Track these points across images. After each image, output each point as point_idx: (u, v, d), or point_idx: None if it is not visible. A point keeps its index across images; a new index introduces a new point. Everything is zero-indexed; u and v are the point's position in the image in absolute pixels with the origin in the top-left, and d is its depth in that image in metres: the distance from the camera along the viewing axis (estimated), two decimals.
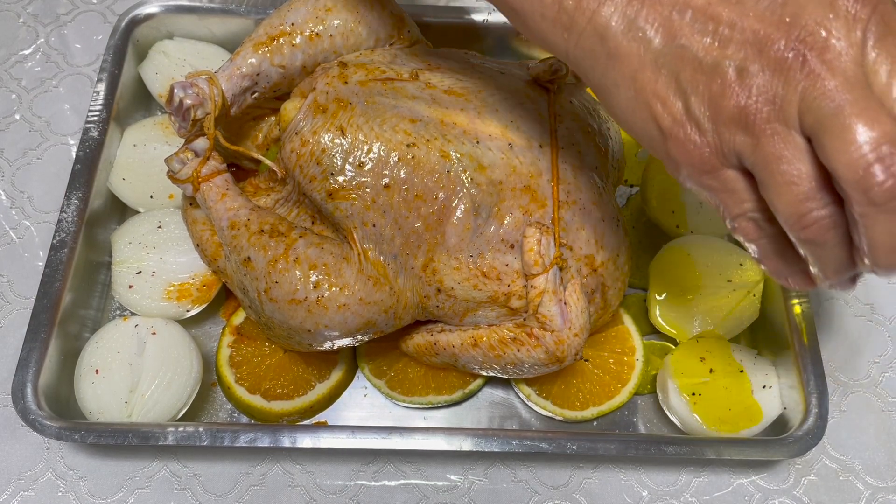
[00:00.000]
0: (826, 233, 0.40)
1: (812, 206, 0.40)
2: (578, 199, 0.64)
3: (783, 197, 0.40)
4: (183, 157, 0.66)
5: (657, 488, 0.69)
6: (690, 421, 0.67)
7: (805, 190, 0.39)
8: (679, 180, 0.45)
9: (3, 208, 0.81)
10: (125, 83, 0.80)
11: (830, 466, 0.71)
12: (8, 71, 0.89)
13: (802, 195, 0.40)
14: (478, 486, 0.69)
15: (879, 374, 0.75)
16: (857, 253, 0.41)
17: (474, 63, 0.69)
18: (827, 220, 0.40)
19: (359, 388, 0.73)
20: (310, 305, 0.60)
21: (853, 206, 0.38)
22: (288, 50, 0.66)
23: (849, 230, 0.40)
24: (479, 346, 0.64)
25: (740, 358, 0.70)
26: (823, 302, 0.79)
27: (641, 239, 0.80)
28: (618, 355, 0.72)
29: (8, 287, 0.77)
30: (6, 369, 0.73)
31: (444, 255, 0.62)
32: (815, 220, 0.40)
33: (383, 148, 0.61)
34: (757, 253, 0.46)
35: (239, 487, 0.68)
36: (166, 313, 0.70)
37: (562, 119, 0.66)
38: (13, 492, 0.68)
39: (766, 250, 0.45)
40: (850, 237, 0.41)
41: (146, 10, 0.82)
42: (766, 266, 0.46)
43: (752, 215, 0.43)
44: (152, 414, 0.66)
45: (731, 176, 0.42)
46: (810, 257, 0.43)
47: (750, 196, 0.43)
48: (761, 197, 0.42)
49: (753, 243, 0.45)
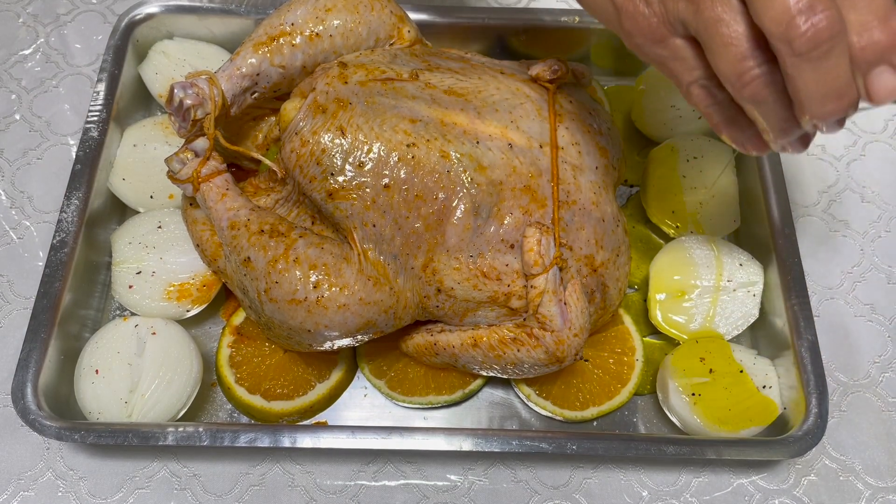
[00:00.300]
0: (764, 89, 0.44)
1: (750, 65, 0.43)
2: (578, 199, 0.64)
3: (723, 58, 0.43)
4: (183, 157, 0.66)
5: (657, 488, 0.69)
6: (690, 421, 0.67)
7: (742, 50, 0.42)
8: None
9: (3, 208, 0.81)
10: (125, 83, 0.80)
11: (830, 466, 0.71)
12: (8, 71, 0.89)
13: (740, 55, 0.43)
14: (478, 486, 0.69)
15: (879, 374, 0.75)
16: (795, 110, 0.44)
17: (474, 63, 0.69)
18: (763, 77, 0.43)
19: (359, 388, 0.73)
20: (310, 305, 0.60)
21: (783, 60, 0.41)
22: (288, 50, 0.66)
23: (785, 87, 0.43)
24: (479, 346, 0.64)
25: (740, 358, 0.70)
26: (823, 302, 0.79)
27: (641, 239, 0.80)
28: (618, 355, 0.72)
29: (8, 287, 0.77)
30: (6, 369, 0.73)
31: (444, 256, 0.62)
32: (753, 77, 0.43)
33: (383, 148, 0.61)
34: (712, 119, 0.49)
35: (239, 487, 0.68)
36: (166, 313, 0.70)
37: (562, 119, 0.66)
38: (13, 492, 0.68)
39: (719, 117, 0.49)
40: (788, 95, 0.44)
41: (146, 10, 0.82)
42: (724, 134, 0.50)
43: (703, 82, 0.47)
44: (152, 414, 0.66)
45: (679, 44, 0.46)
46: (756, 118, 0.46)
47: (698, 63, 0.46)
48: (709, 65, 0.45)
49: (707, 110, 0.49)
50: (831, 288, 0.79)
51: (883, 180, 0.85)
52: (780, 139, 0.47)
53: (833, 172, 0.86)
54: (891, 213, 0.83)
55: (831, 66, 0.41)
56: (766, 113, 0.45)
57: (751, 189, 0.78)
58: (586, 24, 0.84)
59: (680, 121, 0.81)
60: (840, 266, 0.81)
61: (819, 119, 0.44)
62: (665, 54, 0.47)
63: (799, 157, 0.86)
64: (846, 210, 0.84)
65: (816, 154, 0.87)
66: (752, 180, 0.78)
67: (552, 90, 0.67)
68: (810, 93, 0.42)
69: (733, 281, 0.72)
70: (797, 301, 0.70)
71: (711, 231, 0.77)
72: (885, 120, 0.89)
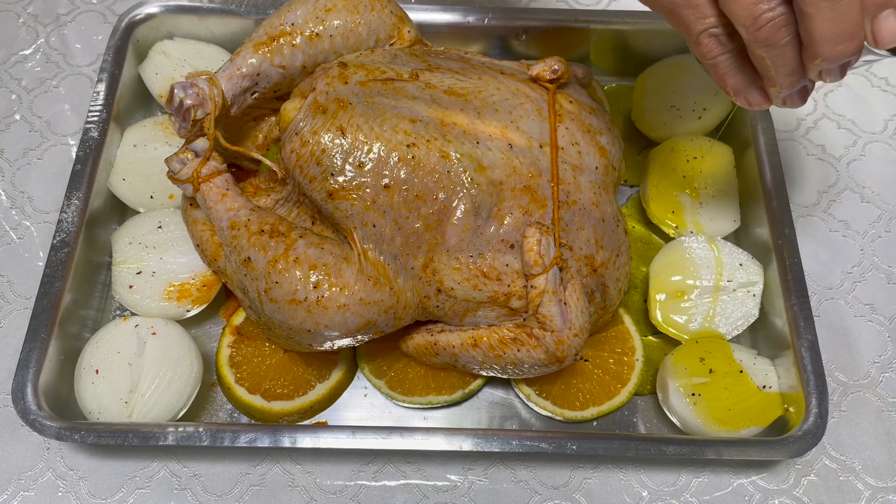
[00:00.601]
0: (778, 31, 0.46)
1: (765, 7, 0.45)
2: (578, 199, 0.64)
3: (739, 2, 0.46)
4: (183, 157, 0.66)
5: (657, 488, 0.70)
6: (690, 421, 0.67)
7: None
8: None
9: (3, 208, 0.81)
10: (125, 83, 0.80)
11: (830, 466, 0.71)
12: (8, 71, 0.89)
13: None
14: (478, 486, 0.69)
15: (879, 374, 0.75)
16: (805, 54, 0.47)
17: (474, 63, 0.69)
18: (779, 18, 0.46)
19: (359, 388, 0.73)
20: (310, 306, 0.60)
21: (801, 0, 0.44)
22: (288, 50, 0.66)
23: (798, 32, 0.46)
24: (480, 346, 0.64)
25: (740, 358, 0.70)
26: (823, 302, 0.79)
27: (641, 239, 0.80)
28: (618, 355, 0.72)
29: (8, 287, 0.77)
30: (6, 369, 0.73)
31: (444, 256, 0.62)
32: (768, 19, 0.46)
33: (383, 148, 0.61)
34: (718, 70, 0.52)
35: (239, 487, 0.68)
36: (166, 313, 0.70)
37: (562, 119, 0.66)
38: (13, 492, 0.68)
39: (726, 66, 0.51)
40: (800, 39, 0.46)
41: (146, 10, 0.82)
42: (727, 84, 0.52)
43: (714, 31, 0.49)
44: (152, 414, 0.66)
45: None
46: (766, 62, 0.48)
47: (711, 11, 0.49)
48: (721, 13, 0.48)
49: (715, 60, 0.51)
50: (831, 288, 0.79)
51: (883, 180, 0.85)
52: (784, 88, 0.50)
53: (833, 172, 0.86)
54: (891, 213, 0.83)
55: (845, 6, 0.44)
56: (776, 58, 0.47)
57: (751, 189, 0.78)
58: (586, 23, 0.84)
59: (680, 121, 0.81)
60: (840, 266, 0.81)
61: (829, 61, 0.46)
62: (678, 1, 0.49)
63: (799, 158, 0.86)
64: (846, 210, 0.84)
65: (816, 154, 0.87)
66: (752, 180, 0.78)
67: (552, 90, 0.67)
68: (825, 32, 0.44)
69: (733, 281, 0.72)
70: (797, 301, 0.70)
71: (711, 231, 0.77)
72: (884, 120, 0.89)
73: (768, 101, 0.53)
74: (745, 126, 0.80)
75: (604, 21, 0.84)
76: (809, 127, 0.88)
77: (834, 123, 0.89)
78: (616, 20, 0.84)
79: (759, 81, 0.52)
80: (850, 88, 0.91)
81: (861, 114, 0.89)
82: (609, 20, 0.84)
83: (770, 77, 0.50)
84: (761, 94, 0.53)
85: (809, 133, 0.88)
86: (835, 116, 0.89)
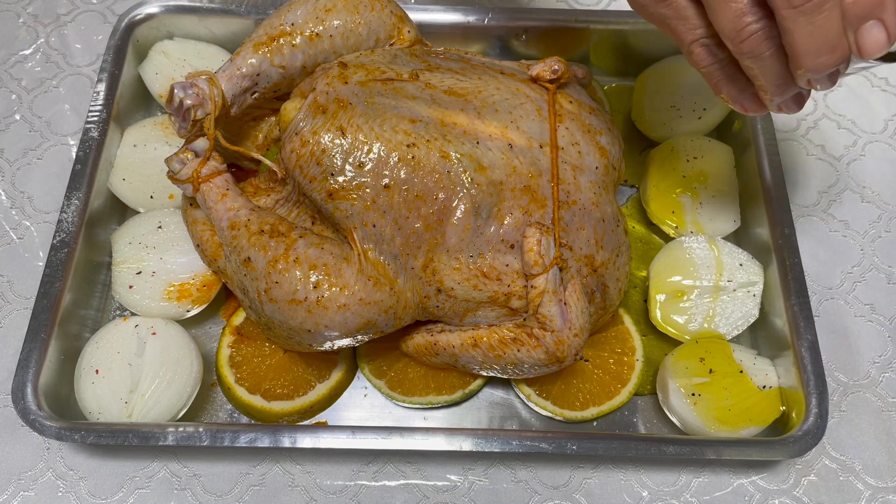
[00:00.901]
0: (761, 43, 0.47)
1: (748, 20, 0.46)
2: (578, 199, 0.64)
3: (723, 14, 0.47)
4: (183, 157, 0.66)
5: (657, 488, 0.70)
6: (690, 421, 0.67)
7: (741, 6, 0.46)
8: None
9: (3, 208, 0.81)
10: (125, 83, 0.80)
11: (830, 466, 0.71)
12: (8, 71, 0.89)
13: (739, 11, 0.46)
14: (478, 486, 0.69)
15: (879, 374, 0.75)
16: (790, 65, 0.47)
17: (474, 63, 0.69)
18: (761, 31, 0.46)
19: (359, 388, 0.73)
20: (310, 306, 0.60)
21: (779, 14, 0.44)
22: (288, 50, 0.66)
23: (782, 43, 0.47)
24: (480, 346, 0.64)
25: (740, 358, 0.70)
26: (823, 302, 0.79)
27: (641, 239, 0.80)
28: (618, 355, 0.72)
29: (8, 287, 0.77)
30: (6, 369, 0.73)
31: (444, 256, 0.62)
32: (751, 32, 0.46)
33: (383, 148, 0.61)
34: (712, 78, 0.53)
35: (239, 487, 0.68)
36: (166, 313, 0.70)
37: (562, 119, 0.66)
38: (13, 492, 0.68)
39: (719, 74, 0.52)
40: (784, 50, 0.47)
41: (146, 10, 0.82)
42: (723, 93, 0.53)
43: (704, 41, 0.50)
44: (152, 414, 0.66)
45: (681, 4, 0.50)
46: (754, 75, 0.49)
47: (700, 22, 0.50)
48: (710, 24, 0.48)
49: (707, 69, 0.52)
50: (831, 288, 0.79)
51: (883, 180, 0.85)
52: (776, 96, 0.50)
53: (833, 172, 0.86)
54: (891, 213, 0.83)
55: (824, 19, 0.44)
56: (764, 68, 0.48)
57: (751, 189, 0.78)
58: (586, 23, 0.84)
59: (680, 121, 0.81)
60: (840, 266, 0.81)
61: (813, 72, 0.46)
62: (668, 13, 0.50)
63: (799, 158, 0.86)
64: (846, 210, 0.84)
65: (816, 154, 0.87)
66: (752, 180, 0.78)
67: (552, 90, 0.67)
68: (805, 45, 0.45)
69: (733, 281, 0.72)
70: (797, 301, 0.70)
71: (711, 231, 0.77)
72: (884, 120, 0.89)
73: (763, 107, 0.53)
74: (746, 126, 0.80)
75: (604, 21, 0.84)
76: (809, 127, 0.88)
77: (834, 123, 0.89)
78: (616, 20, 0.84)
79: (752, 88, 0.52)
80: (850, 88, 0.91)
81: (861, 114, 0.89)
82: (609, 20, 0.84)
83: (760, 85, 0.50)
84: (756, 100, 0.53)
85: (809, 133, 0.88)
86: (835, 116, 0.89)
